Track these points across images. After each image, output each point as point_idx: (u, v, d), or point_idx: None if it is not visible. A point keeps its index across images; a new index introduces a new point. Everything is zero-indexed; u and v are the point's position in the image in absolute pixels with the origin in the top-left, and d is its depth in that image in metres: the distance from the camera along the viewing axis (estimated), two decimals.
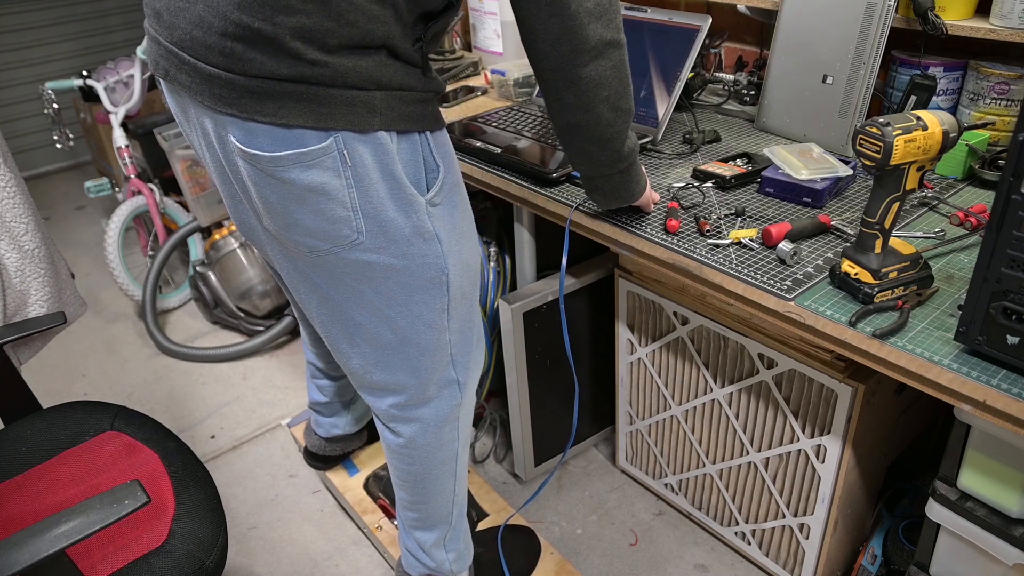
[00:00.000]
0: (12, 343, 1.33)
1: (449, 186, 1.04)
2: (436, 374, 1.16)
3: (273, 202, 0.96)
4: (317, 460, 1.75)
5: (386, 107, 0.92)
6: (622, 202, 1.17)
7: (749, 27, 1.72)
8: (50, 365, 2.43)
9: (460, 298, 1.11)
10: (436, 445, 1.24)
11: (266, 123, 0.89)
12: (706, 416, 1.50)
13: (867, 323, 0.96)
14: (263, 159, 0.92)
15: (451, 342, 1.15)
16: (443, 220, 1.03)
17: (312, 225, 0.97)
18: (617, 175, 1.11)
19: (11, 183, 1.35)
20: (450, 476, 1.30)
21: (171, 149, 2.53)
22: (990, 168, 1.28)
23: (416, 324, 1.09)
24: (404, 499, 1.32)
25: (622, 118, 1.03)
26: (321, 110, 0.89)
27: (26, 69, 3.73)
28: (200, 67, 0.91)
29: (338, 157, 0.91)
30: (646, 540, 1.66)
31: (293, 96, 0.88)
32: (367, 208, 0.96)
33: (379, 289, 1.04)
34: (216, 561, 1.05)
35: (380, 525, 1.64)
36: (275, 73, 0.87)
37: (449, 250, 1.05)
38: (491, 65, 1.99)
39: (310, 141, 0.90)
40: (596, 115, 1.00)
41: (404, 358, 1.12)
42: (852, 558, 1.48)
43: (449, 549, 1.38)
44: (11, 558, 0.81)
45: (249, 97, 0.89)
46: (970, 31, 1.27)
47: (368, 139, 0.92)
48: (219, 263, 2.46)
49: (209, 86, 0.91)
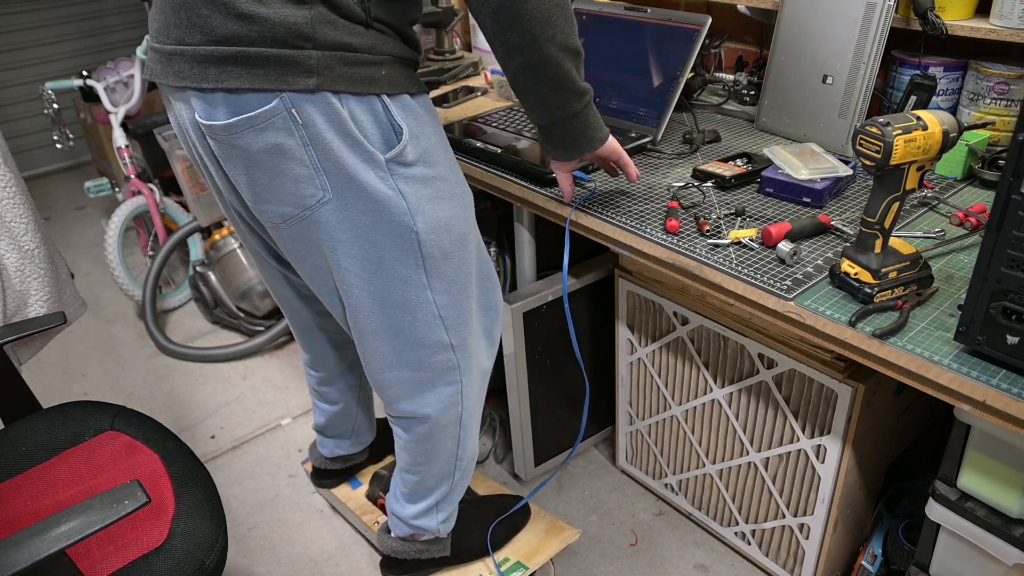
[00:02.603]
0: (12, 343, 1.33)
1: (423, 149, 1.04)
2: (425, 335, 1.16)
3: (239, 173, 1.01)
4: (323, 477, 1.75)
5: (323, 67, 0.93)
6: (583, 150, 1.14)
7: (749, 27, 1.72)
8: (50, 365, 2.43)
9: (441, 258, 1.11)
10: (437, 407, 1.25)
11: (213, 89, 0.94)
12: (706, 416, 1.50)
13: (867, 323, 0.96)
14: (218, 128, 0.97)
15: (436, 302, 1.14)
16: (411, 180, 1.04)
17: (278, 188, 1.00)
18: (572, 119, 1.09)
19: (11, 183, 1.35)
20: (453, 440, 1.30)
21: (171, 149, 2.53)
22: (990, 168, 1.28)
23: (392, 281, 1.10)
24: (405, 462, 1.34)
25: (569, 57, 1.02)
26: (257, 71, 0.92)
27: (26, 69, 3.73)
28: (165, 49, 0.98)
29: (288, 118, 0.94)
30: (646, 540, 1.66)
31: (230, 59, 0.92)
32: (327, 165, 0.98)
33: (351, 252, 1.06)
34: (216, 561, 1.05)
35: (378, 521, 1.64)
36: (214, 35, 0.92)
37: (417, 208, 1.05)
38: (491, 65, 1.99)
39: (255, 105, 0.94)
40: (544, 54, 1.00)
41: (387, 317, 1.13)
42: (852, 558, 1.48)
43: (441, 510, 1.40)
44: (11, 558, 0.81)
45: (198, 66, 0.94)
46: (970, 31, 1.27)
47: (315, 100, 0.94)
48: (219, 263, 2.46)
49: (171, 65, 0.97)
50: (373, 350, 1.18)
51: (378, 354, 1.19)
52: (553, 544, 1.54)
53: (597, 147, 1.15)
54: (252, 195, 1.03)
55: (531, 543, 1.54)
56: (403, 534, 1.44)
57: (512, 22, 0.97)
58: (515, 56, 1.01)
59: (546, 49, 0.99)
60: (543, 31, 0.98)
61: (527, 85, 1.04)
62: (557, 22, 0.98)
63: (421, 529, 1.42)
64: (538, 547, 1.54)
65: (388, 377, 1.21)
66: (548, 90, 1.04)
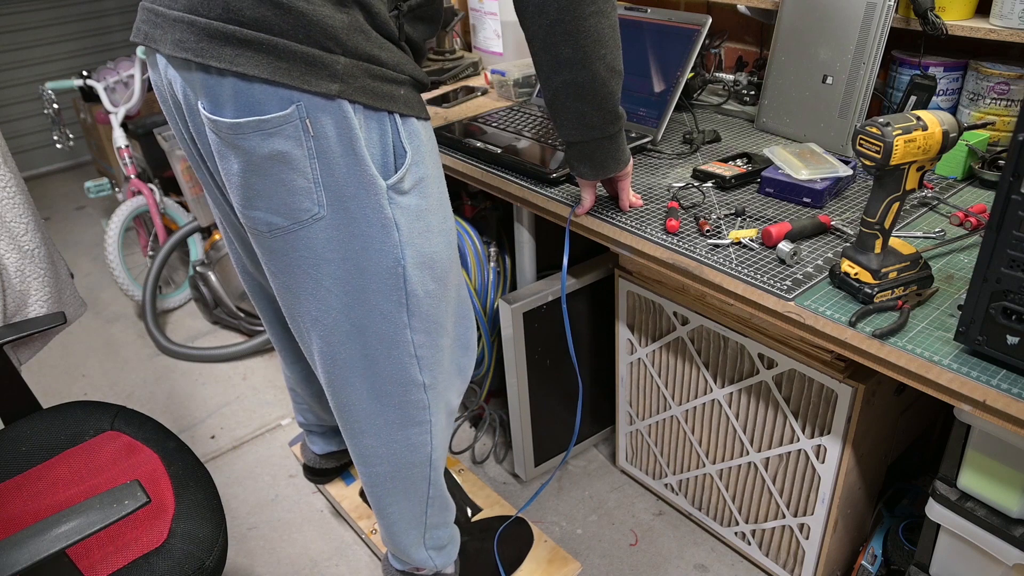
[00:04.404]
0: (12, 343, 1.33)
1: (419, 178, 1.01)
2: (399, 373, 1.12)
3: (235, 173, 0.96)
4: (316, 475, 1.75)
5: (348, 75, 0.90)
6: (609, 171, 1.15)
7: (749, 27, 1.72)
8: (50, 365, 2.43)
9: (423, 296, 1.07)
10: (404, 447, 1.20)
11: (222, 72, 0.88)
12: (706, 416, 1.50)
13: (867, 323, 0.96)
14: (224, 126, 0.91)
15: (414, 341, 1.11)
16: (407, 211, 1.01)
17: (273, 196, 0.96)
18: (607, 140, 1.10)
19: (11, 183, 1.35)
20: (423, 480, 1.26)
21: (171, 149, 2.53)
22: (990, 168, 1.28)
23: (372, 313, 1.06)
24: (372, 503, 1.30)
25: (615, 79, 1.03)
26: (279, 64, 0.87)
27: (26, 69, 3.73)
28: (168, 13, 0.91)
29: (300, 126, 0.90)
30: (646, 540, 1.66)
31: (252, 44, 0.87)
32: (328, 180, 0.95)
33: (336, 274, 1.02)
34: (216, 561, 1.05)
35: (375, 529, 1.64)
36: (239, 15, 0.86)
37: (408, 242, 1.02)
38: (491, 65, 1.99)
39: (271, 108, 0.89)
40: (593, 73, 1.00)
41: (363, 347, 1.09)
42: (852, 558, 1.48)
43: (430, 547, 1.36)
44: (11, 558, 0.81)
45: (208, 40, 0.88)
46: (970, 31, 1.27)
47: (331, 108, 0.90)
48: (219, 263, 2.46)
49: (173, 32, 0.91)
50: (343, 379, 1.13)
51: (348, 384, 1.13)
52: None
53: (622, 169, 1.17)
54: (242, 198, 0.99)
55: (534, 573, 1.55)
56: (400, 567, 1.41)
57: (567, 37, 0.97)
58: (562, 71, 1.01)
59: (595, 67, 1.00)
60: (596, 49, 0.98)
61: (568, 101, 1.04)
62: (609, 43, 1.00)
63: (418, 563, 1.38)
64: None
65: (357, 409, 1.16)
66: (589, 108, 1.05)
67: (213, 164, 1.05)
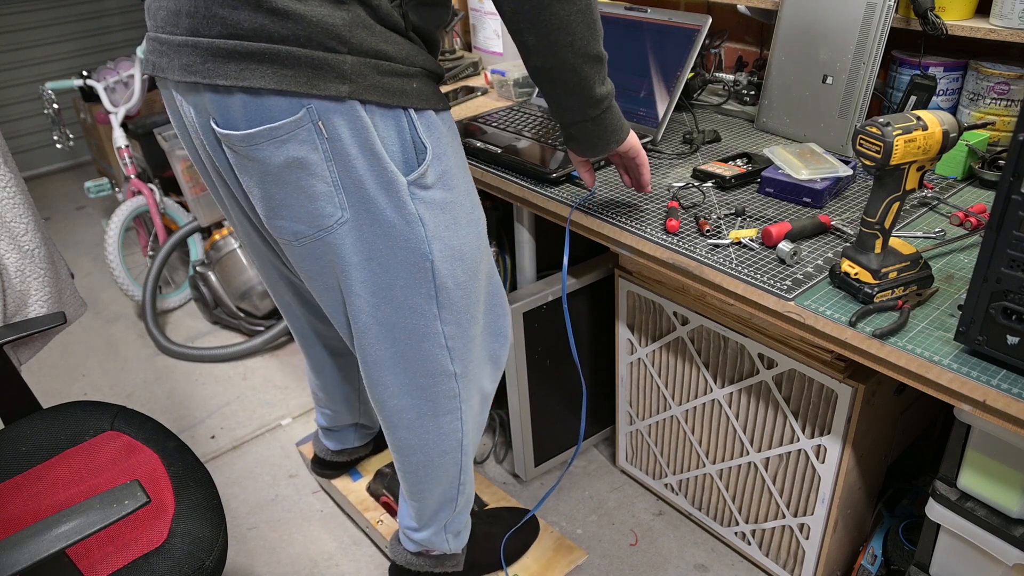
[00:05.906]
0: (12, 343, 1.33)
1: (442, 171, 1.00)
2: (430, 364, 1.14)
3: (254, 185, 0.95)
4: (325, 467, 1.75)
5: (357, 74, 0.88)
6: (600, 151, 1.12)
7: (749, 27, 1.72)
8: (50, 365, 2.43)
9: (453, 287, 1.08)
10: (436, 436, 1.23)
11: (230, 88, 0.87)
12: (706, 416, 1.50)
13: (867, 323, 0.96)
14: (236, 139, 0.91)
15: (444, 332, 1.12)
16: (431, 205, 1.00)
17: (295, 204, 0.95)
18: (589, 123, 1.07)
19: (11, 183, 1.35)
20: (454, 465, 1.29)
21: (171, 149, 2.53)
22: (990, 168, 1.28)
23: (401, 309, 1.06)
24: (406, 489, 1.33)
25: (590, 64, 0.99)
26: (284, 72, 0.86)
27: (26, 69, 3.73)
28: (172, 40, 0.91)
29: (312, 129, 0.89)
30: (646, 540, 1.66)
31: (255, 56, 0.85)
32: (347, 182, 0.94)
33: (363, 276, 1.02)
34: (216, 561, 1.05)
35: (381, 519, 1.64)
36: (237, 28, 0.85)
37: (435, 236, 1.02)
38: (491, 65, 1.99)
39: (281, 114, 0.88)
40: (560, 60, 0.96)
41: (393, 345, 1.10)
42: (852, 558, 1.48)
43: (449, 531, 1.40)
44: (11, 558, 0.81)
45: (213, 60, 0.87)
46: (970, 31, 1.27)
47: (343, 110, 0.89)
48: (219, 263, 2.46)
49: (179, 57, 0.90)
50: (376, 377, 1.16)
51: (381, 382, 1.16)
52: (562, 565, 1.56)
53: (615, 147, 1.12)
54: (266, 209, 0.99)
55: (540, 560, 1.56)
56: (414, 549, 1.43)
57: (529, 25, 0.94)
58: (531, 57, 0.98)
59: (562, 54, 0.96)
60: (559, 37, 0.95)
61: (544, 86, 1.03)
62: (576, 29, 0.95)
63: (433, 546, 1.41)
64: (547, 564, 1.55)
65: (390, 405, 1.19)
66: (563, 94, 1.02)
67: (235, 185, 1.05)
